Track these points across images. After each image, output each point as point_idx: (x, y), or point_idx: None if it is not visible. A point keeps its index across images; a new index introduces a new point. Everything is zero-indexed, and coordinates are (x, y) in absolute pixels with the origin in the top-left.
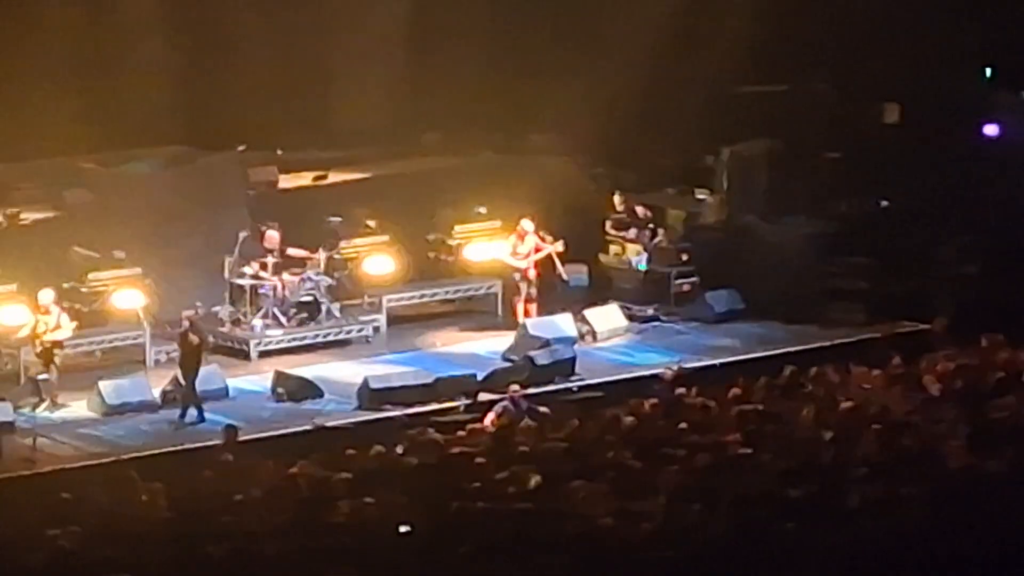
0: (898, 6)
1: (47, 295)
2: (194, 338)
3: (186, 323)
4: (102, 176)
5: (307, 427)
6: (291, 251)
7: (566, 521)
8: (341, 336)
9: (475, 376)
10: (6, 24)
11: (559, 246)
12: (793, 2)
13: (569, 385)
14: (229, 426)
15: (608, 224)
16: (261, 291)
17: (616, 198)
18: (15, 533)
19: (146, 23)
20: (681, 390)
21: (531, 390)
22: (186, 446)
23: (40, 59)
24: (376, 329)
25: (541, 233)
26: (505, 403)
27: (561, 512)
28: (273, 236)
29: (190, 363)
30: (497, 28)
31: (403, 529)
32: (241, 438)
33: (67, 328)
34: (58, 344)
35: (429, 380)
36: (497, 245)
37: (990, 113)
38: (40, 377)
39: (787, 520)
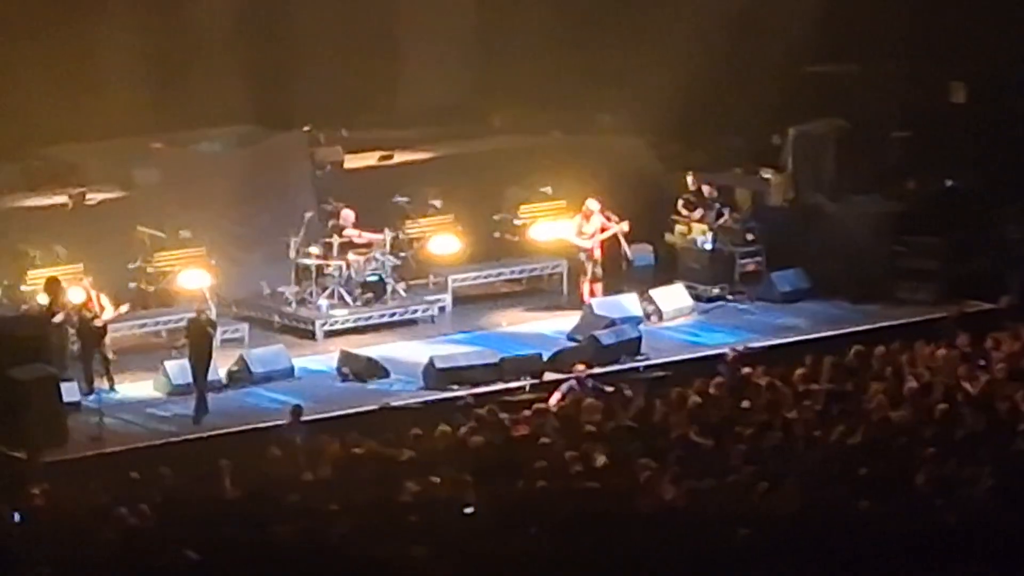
0: None
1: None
2: (207, 329)
3: (196, 314)
4: (170, 156)
5: (373, 407)
6: (354, 236)
7: (633, 500)
8: (407, 316)
9: (541, 356)
10: (76, 5)
11: (625, 226)
12: None
13: (635, 365)
14: (295, 406)
15: (680, 203)
16: (327, 271)
17: (689, 178)
18: (84, 511)
19: (214, 2)
20: (747, 369)
21: (597, 370)
22: (252, 426)
23: (110, 40)
24: (442, 309)
25: (607, 212)
26: (571, 383)
27: (628, 491)
28: (349, 215)
29: (202, 354)
30: (565, 7)
31: (467, 510)
32: (307, 418)
33: (109, 310)
34: (104, 329)
35: (495, 360)
36: (563, 225)
37: None
38: (111, 357)
39: (858, 499)
